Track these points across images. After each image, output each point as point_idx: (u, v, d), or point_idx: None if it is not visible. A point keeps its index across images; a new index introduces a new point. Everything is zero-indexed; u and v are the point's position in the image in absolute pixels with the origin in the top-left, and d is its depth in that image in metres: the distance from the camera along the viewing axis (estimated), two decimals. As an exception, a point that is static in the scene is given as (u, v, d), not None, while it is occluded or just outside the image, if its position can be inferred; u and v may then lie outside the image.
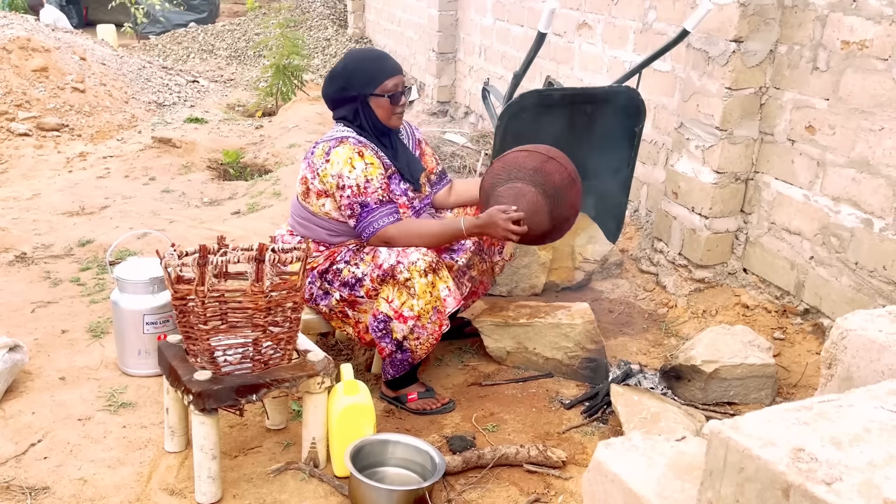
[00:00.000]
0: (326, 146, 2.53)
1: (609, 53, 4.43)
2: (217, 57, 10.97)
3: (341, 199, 2.49)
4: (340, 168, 2.47)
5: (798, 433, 0.97)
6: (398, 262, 2.43)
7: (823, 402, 1.04)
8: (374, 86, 2.54)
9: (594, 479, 1.21)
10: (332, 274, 2.56)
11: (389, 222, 2.49)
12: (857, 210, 2.82)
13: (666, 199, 3.67)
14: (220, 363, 2.15)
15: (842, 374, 1.34)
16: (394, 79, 2.56)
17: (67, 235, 4.18)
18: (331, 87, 2.61)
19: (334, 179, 2.48)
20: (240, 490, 2.22)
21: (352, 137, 2.53)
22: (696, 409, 2.63)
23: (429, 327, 2.47)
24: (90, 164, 5.78)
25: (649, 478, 1.13)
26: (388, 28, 9.64)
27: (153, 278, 2.72)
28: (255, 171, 5.78)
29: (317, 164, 2.53)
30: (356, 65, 2.56)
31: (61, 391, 2.69)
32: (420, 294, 2.42)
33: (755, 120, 3.25)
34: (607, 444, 1.24)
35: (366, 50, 2.67)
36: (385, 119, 2.59)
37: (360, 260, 2.54)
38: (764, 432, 0.97)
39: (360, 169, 2.48)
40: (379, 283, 2.47)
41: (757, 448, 0.94)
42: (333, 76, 2.60)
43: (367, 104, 2.56)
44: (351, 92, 2.55)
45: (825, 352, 1.39)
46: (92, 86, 7.29)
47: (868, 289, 2.78)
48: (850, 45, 2.80)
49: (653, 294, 3.61)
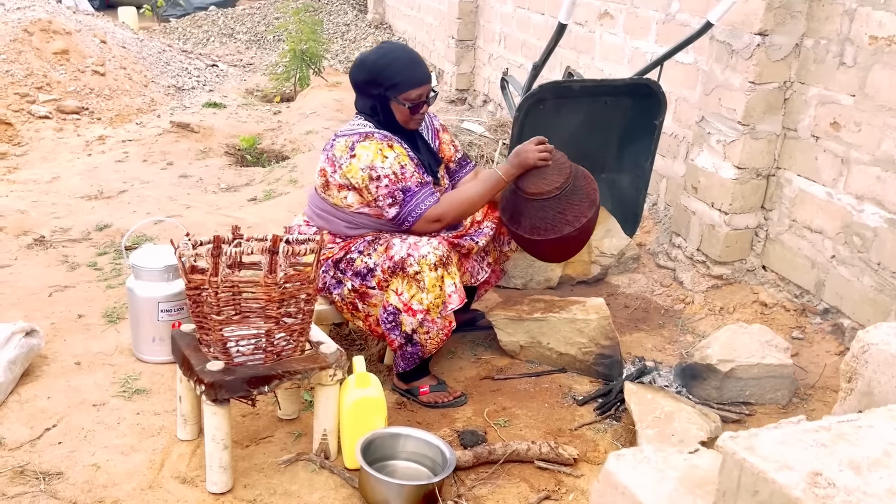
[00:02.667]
0: (349, 141, 2.50)
1: (630, 44, 4.37)
2: (237, 41, 10.97)
3: (378, 189, 2.45)
4: (371, 160, 2.44)
5: (815, 456, 0.94)
6: (409, 255, 2.42)
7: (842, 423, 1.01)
8: (399, 91, 2.49)
9: (604, 489, 1.19)
10: (345, 263, 2.56)
11: (434, 202, 2.49)
12: (882, 209, 2.76)
13: (685, 193, 3.62)
14: (233, 354, 2.15)
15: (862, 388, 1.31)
16: (420, 88, 2.51)
17: (85, 219, 4.20)
18: (357, 74, 2.56)
19: (365, 172, 2.45)
20: (251, 480, 2.22)
21: (377, 133, 2.51)
22: (711, 408, 2.60)
23: (438, 322, 2.46)
24: (109, 148, 5.81)
25: (660, 492, 1.11)
26: (407, 14, 9.58)
27: (168, 266, 2.73)
28: (272, 158, 5.78)
29: (338, 159, 2.50)
30: (386, 64, 2.49)
31: (76, 376, 2.71)
32: (429, 288, 2.41)
33: (778, 115, 3.19)
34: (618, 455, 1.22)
35: (400, 49, 2.55)
36: (403, 122, 2.57)
37: (373, 250, 2.53)
38: (780, 454, 0.94)
39: (392, 157, 2.46)
40: (389, 274, 2.46)
41: (772, 471, 0.91)
42: (363, 65, 2.54)
43: (387, 105, 2.53)
44: (374, 89, 2.51)
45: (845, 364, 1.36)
46: (112, 69, 7.32)
47: (890, 290, 2.73)
48: (879, 40, 2.73)
49: (669, 290, 3.58)
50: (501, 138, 5.80)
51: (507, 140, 5.68)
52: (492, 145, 5.74)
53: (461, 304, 2.49)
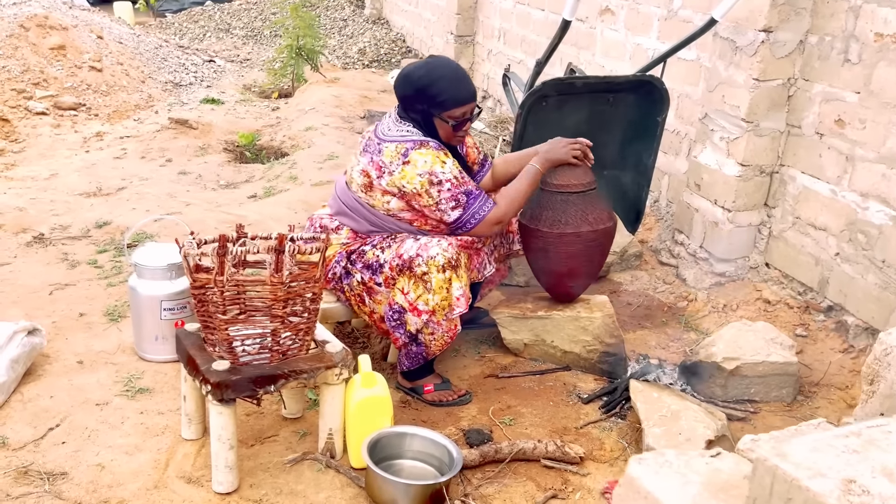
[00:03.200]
0: (402, 147, 2.48)
1: (632, 40, 4.36)
2: (233, 36, 10.92)
3: (440, 193, 2.45)
4: (431, 166, 2.44)
5: (847, 462, 0.94)
6: (417, 255, 2.41)
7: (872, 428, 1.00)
8: (443, 108, 2.50)
9: (626, 495, 1.18)
10: (357, 255, 2.56)
11: (493, 205, 2.54)
12: (887, 207, 2.76)
13: (688, 190, 3.61)
14: (239, 353, 2.14)
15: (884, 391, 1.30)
16: (464, 107, 2.52)
17: (84, 216, 4.18)
18: (402, 88, 2.55)
19: (424, 178, 2.44)
20: (256, 479, 2.21)
21: (431, 141, 2.50)
22: (716, 406, 2.60)
23: (444, 324, 2.46)
24: (107, 145, 5.78)
25: (684, 497, 1.10)
26: (405, 9, 9.56)
27: (171, 264, 2.71)
28: (271, 154, 5.75)
29: (388, 164, 2.47)
30: (432, 81, 2.49)
31: (79, 375, 2.69)
32: (436, 289, 2.41)
33: (782, 112, 3.18)
34: (640, 459, 1.21)
35: (446, 66, 2.55)
36: (445, 138, 2.57)
37: (386, 246, 2.53)
38: (812, 461, 0.93)
39: (451, 163, 2.48)
40: (397, 272, 2.46)
41: (806, 479, 0.91)
42: (408, 80, 2.53)
43: (430, 120, 2.53)
44: (419, 104, 2.51)
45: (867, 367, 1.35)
46: (109, 65, 7.28)
47: (895, 287, 2.73)
48: (884, 37, 2.72)
49: (672, 287, 3.57)
50: (501, 135, 5.79)
51: (507, 137, 5.67)
52: (492, 141, 5.72)
53: (467, 309, 2.49)
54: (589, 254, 2.79)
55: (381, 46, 9.60)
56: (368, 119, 6.31)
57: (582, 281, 2.89)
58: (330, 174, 4.90)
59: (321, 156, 5.29)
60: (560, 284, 2.87)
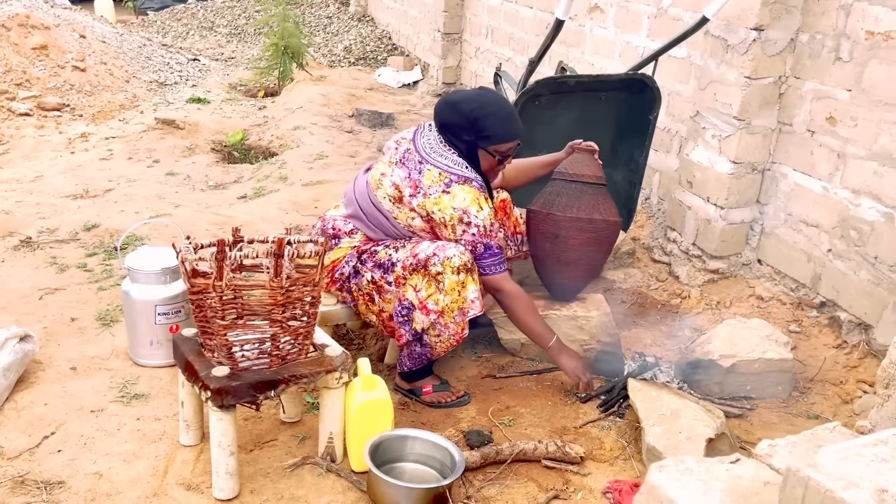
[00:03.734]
0: (446, 177, 2.46)
1: (622, 38, 4.37)
2: (217, 34, 10.84)
3: (464, 234, 2.46)
4: (468, 205, 2.44)
5: (878, 472, 0.94)
6: (434, 254, 2.42)
7: None
8: (491, 142, 2.51)
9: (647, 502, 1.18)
10: (367, 254, 2.56)
11: (503, 270, 2.55)
12: (879, 203, 2.78)
13: (680, 188, 3.63)
14: (238, 358, 2.12)
15: None
16: (512, 143, 2.54)
17: (72, 219, 4.13)
18: (450, 116, 2.52)
19: (457, 213, 2.44)
20: (257, 485, 2.20)
21: (475, 181, 2.50)
22: (714, 403, 2.61)
23: (451, 327, 2.45)
24: (92, 146, 5.72)
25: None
26: (391, 6, 9.52)
27: (165, 268, 2.69)
28: (259, 154, 5.72)
29: (426, 186, 2.46)
30: (485, 115, 2.48)
31: (73, 382, 2.66)
32: (448, 290, 2.40)
33: (774, 110, 3.20)
34: (660, 466, 1.21)
35: (499, 101, 2.58)
36: (486, 170, 2.58)
37: (400, 246, 2.54)
38: (844, 471, 0.93)
39: (487, 212, 2.48)
40: (410, 271, 2.46)
41: (840, 490, 0.91)
42: (457, 110, 2.51)
43: (474, 151, 2.53)
44: (466, 135, 2.50)
45: (882, 371, 1.36)
46: (92, 64, 7.19)
47: (887, 283, 2.75)
48: (875, 35, 2.74)
49: (665, 284, 3.59)
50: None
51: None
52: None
53: (482, 311, 2.49)
54: (597, 244, 2.83)
55: (367, 44, 9.57)
56: (357, 118, 6.28)
57: (586, 274, 2.90)
58: (321, 174, 4.88)
59: (311, 155, 5.26)
60: (565, 274, 2.88)
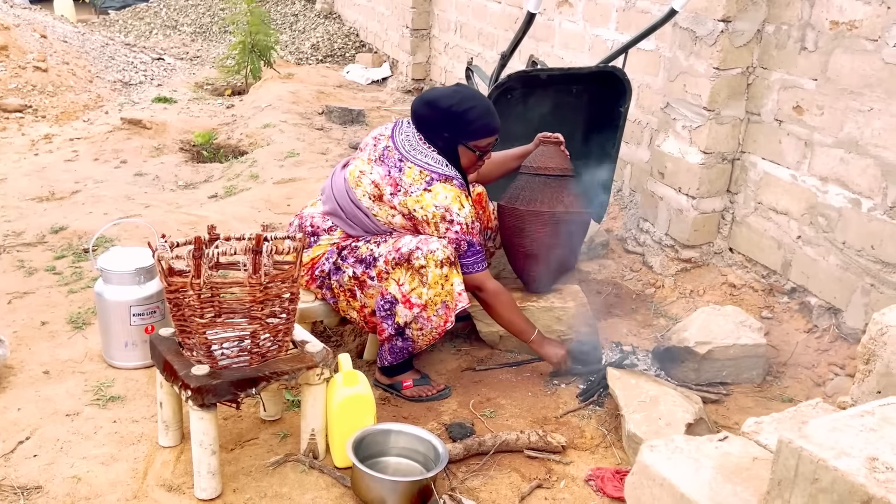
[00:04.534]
0: (427, 175, 2.46)
1: (591, 32, 4.40)
2: (181, 33, 10.69)
3: (447, 231, 2.46)
4: (449, 203, 2.44)
5: (867, 441, 0.97)
6: (417, 248, 2.42)
7: (884, 406, 1.03)
8: (472, 138, 2.52)
9: (640, 482, 1.19)
10: (348, 250, 2.54)
11: (484, 268, 2.57)
12: (846, 190, 2.84)
13: (652, 179, 3.67)
14: (217, 357, 2.10)
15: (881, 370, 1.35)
16: (491, 137, 2.55)
17: (38, 222, 4.05)
18: (427, 111, 2.52)
19: (439, 210, 2.44)
20: (239, 484, 2.18)
21: (456, 179, 2.50)
22: (691, 389, 2.65)
23: (434, 320, 2.46)
24: (57, 147, 5.61)
25: (699, 481, 1.12)
26: (358, 3, 9.48)
27: (139, 268, 2.65)
28: (229, 153, 5.66)
29: (406, 185, 2.45)
30: (464, 110, 2.48)
31: (46, 386, 2.61)
32: (432, 284, 2.40)
33: (742, 100, 3.25)
34: (651, 446, 1.23)
35: (478, 97, 2.57)
36: (466, 167, 2.58)
37: (382, 241, 2.53)
38: (834, 441, 0.96)
39: (468, 209, 2.49)
40: (393, 265, 2.45)
41: (832, 459, 0.93)
42: (435, 106, 2.51)
43: (455, 148, 2.53)
44: (446, 132, 2.50)
45: (862, 347, 1.39)
46: (54, 64, 7.05)
47: (855, 268, 2.82)
48: (839, 25, 2.80)
49: (639, 274, 3.63)
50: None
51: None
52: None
53: (469, 304, 2.50)
54: (562, 236, 2.83)
55: (334, 41, 9.52)
56: (327, 115, 6.25)
57: (555, 266, 2.91)
58: (292, 172, 4.84)
59: (281, 153, 5.22)
60: (535, 267, 2.89)
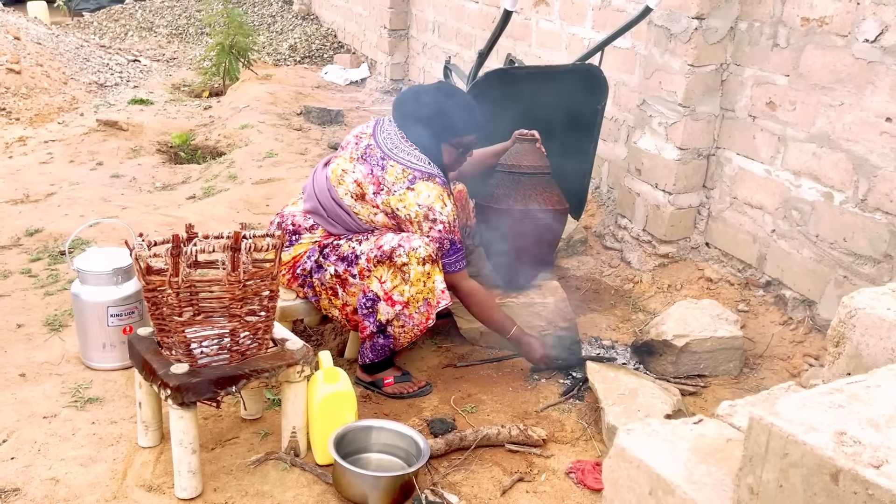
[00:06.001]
0: (410, 173, 2.46)
1: (567, 30, 4.43)
2: (157, 35, 10.61)
3: (431, 230, 2.46)
4: (432, 202, 2.45)
5: (836, 417, 0.99)
6: (399, 245, 2.42)
7: (852, 384, 1.06)
8: (454, 135, 2.53)
9: (617, 465, 1.21)
10: (330, 248, 2.54)
11: (463, 267, 2.58)
12: (818, 184, 2.89)
13: (629, 175, 3.70)
14: (197, 355, 2.09)
15: (850, 352, 1.38)
16: (474, 134, 2.57)
17: (13, 224, 4.00)
18: (410, 108, 2.53)
19: (422, 209, 2.44)
20: (220, 483, 2.17)
21: (438, 177, 2.50)
22: (669, 382, 2.68)
23: (416, 317, 2.46)
24: (31, 149, 5.55)
25: (675, 462, 1.14)
26: (335, 4, 9.46)
27: (117, 269, 2.63)
28: (206, 154, 5.63)
29: (389, 183, 2.46)
30: (449, 106, 2.51)
31: (23, 388, 2.58)
32: (413, 281, 2.41)
33: (717, 96, 3.30)
34: (628, 430, 1.25)
35: (460, 94, 2.61)
36: (448, 164, 2.59)
37: (364, 238, 2.53)
38: (804, 417, 0.98)
39: (450, 208, 2.50)
40: (375, 263, 2.45)
41: (801, 433, 0.96)
42: (418, 102, 2.52)
43: (437, 145, 2.54)
44: (429, 128, 2.51)
45: (832, 330, 1.42)
46: (28, 66, 6.97)
47: (829, 260, 2.86)
48: (810, 21, 2.85)
49: (618, 270, 3.66)
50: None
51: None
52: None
53: (451, 302, 2.51)
54: (538, 233, 2.85)
55: (312, 42, 9.49)
56: (306, 115, 6.23)
57: (532, 263, 2.93)
58: (271, 172, 4.83)
59: (259, 154, 5.20)
60: (512, 264, 2.91)
